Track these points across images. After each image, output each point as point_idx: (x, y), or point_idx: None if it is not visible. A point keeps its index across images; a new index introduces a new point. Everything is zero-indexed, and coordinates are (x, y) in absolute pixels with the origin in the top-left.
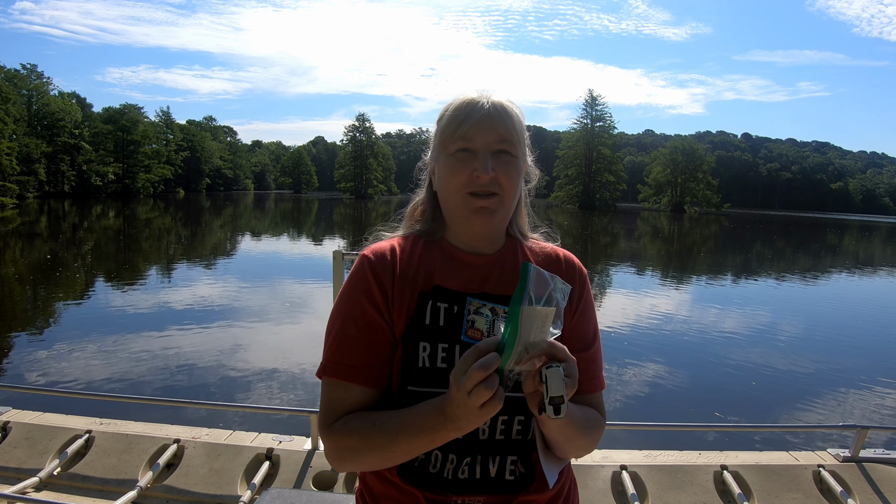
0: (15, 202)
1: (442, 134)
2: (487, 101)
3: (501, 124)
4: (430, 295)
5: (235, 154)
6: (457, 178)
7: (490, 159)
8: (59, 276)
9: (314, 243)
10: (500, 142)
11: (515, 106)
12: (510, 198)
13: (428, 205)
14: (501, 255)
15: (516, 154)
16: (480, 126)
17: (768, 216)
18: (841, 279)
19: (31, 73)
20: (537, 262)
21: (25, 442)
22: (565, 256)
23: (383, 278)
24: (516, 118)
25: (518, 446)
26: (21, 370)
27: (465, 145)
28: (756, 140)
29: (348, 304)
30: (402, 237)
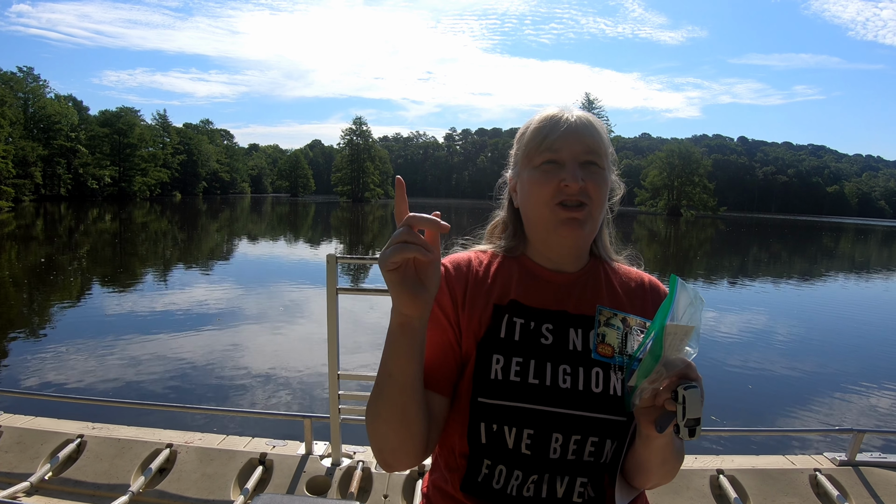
0: (11, 205)
1: (526, 147)
2: (571, 115)
3: (588, 135)
4: (506, 309)
5: (232, 157)
6: (544, 190)
7: (578, 169)
8: (54, 280)
9: (311, 247)
10: (588, 153)
11: (598, 121)
12: (598, 209)
13: (509, 223)
14: (584, 275)
15: (604, 166)
16: (567, 137)
17: (764, 219)
18: (837, 282)
19: (27, 76)
20: (621, 283)
21: (17, 446)
22: (650, 283)
23: (456, 286)
24: (602, 131)
25: (589, 468)
26: (15, 374)
27: (551, 157)
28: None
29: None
30: (481, 251)
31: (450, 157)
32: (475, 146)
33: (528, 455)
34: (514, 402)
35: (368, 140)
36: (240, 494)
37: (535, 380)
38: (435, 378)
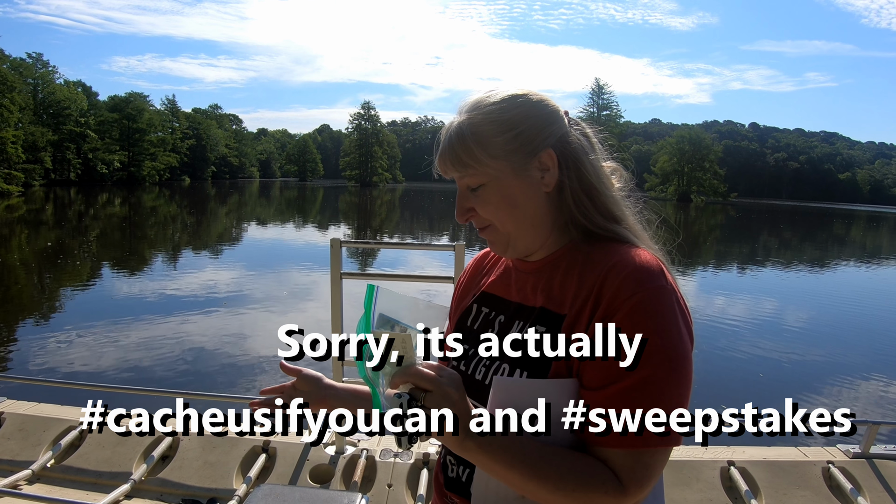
0: (21, 190)
1: None
2: (451, 128)
3: (455, 158)
4: (478, 299)
5: (241, 142)
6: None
7: (465, 198)
8: (63, 264)
9: (319, 231)
10: (463, 177)
11: (493, 113)
12: (502, 223)
13: None
14: (544, 263)
15: (486, 181)
16: (442, 163)
17: (775, 206)
18: (849, 270)
19: (36, 62)
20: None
21: (19, 433)
22: (614, 266)
23: (462, 282)
24: (475, 138)
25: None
26: (21, 358)
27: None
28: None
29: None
30: None
31: None
32: None
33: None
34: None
35: (377, 125)
36: (242, 483)
37: (463, 368)
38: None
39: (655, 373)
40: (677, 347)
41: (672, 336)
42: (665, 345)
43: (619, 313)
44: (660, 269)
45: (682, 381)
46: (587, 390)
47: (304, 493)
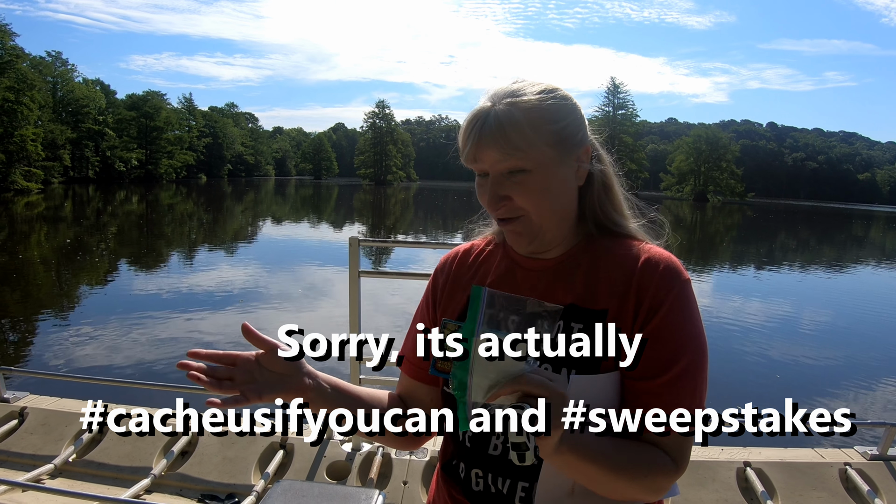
0: (40, 187)
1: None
2: (492, 113)
3: (505, 139)
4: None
5: (257, 140)
6: (481, 199)
7: (501, 186)
8: (81, 261)
9: (334, 229)
10: (505, 160)
11: (538, 102)
12: (539, 213)
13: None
14: (562, 260)
15: (531, 167)
16: (483, 147)
17: (793, 206)
18: (867, 271)
19: (55, 61)
20: (605, 268)
21: (42, 428)
22: (650, 260)
23: (440, 278)
24: (520, 121)
25: (529, 472)
26: (43, 354)
27: (477, 168)
28: (782, 129)
29: (420, 302)
30: (482, 238)
31: None
32: None
33: (471, 450)
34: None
35: (391, 123)
36: (260, 479)
37: None
38: (416, 367)
39: (694, 359)
40: (703, 334)
41: (700, 324)
42: (698, 333)
43: (664, 306)
44: (680, 263)
45: (707, 364)
46: (639, 380)
47: (322, 489)
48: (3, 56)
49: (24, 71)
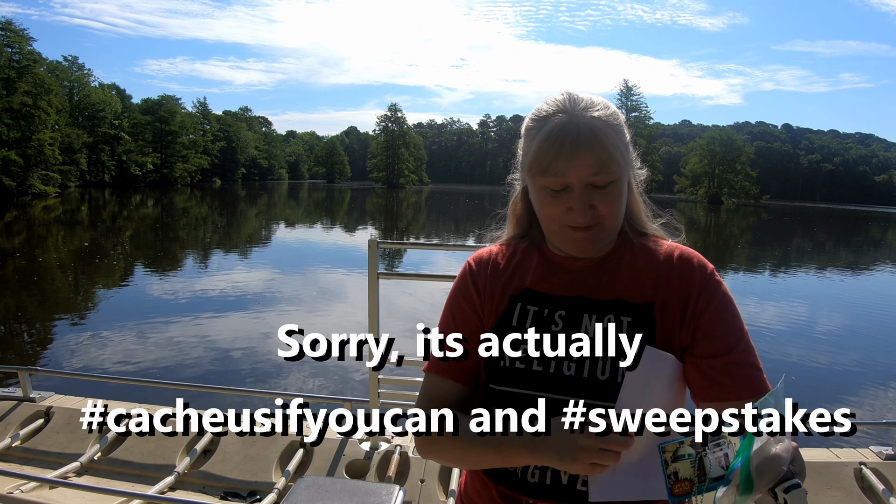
0: (57, 191)
1: (531, 165)
2: (576, 126)
3: (593, 154)
4: (520, 298)
5: (270, 144)
6: (551, 212)
7: (586, 196)
8: (99, 264)
9: (347, 232)
10: (595, 174)
11: (609, 118)
12: (613, 220)
13: (524, 212)
14: (605, 259)
15: (615, 177)
16: (572, 161)
17: (809, 208)
18: (884, 273)
19: (72, 65)
20: (645, 264)
21: (67, 427)
22: (681, 255)
23: (478, 280)
24: (609, 135)
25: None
26: (64, 355)
27: (557, 182)
28: (797, 131)
29: (450, 305)
30: (505, 243)
31: (484, 143)
32: (510, 133)
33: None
34: (520, 390)
35: (403, 126)
36: (281, 476)
37: (540, 367)
38: (457, 368)
39: (745, 333)
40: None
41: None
42: (737, 312)
43: (713, 295)
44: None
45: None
46: (709, 358)
47: (345, 484)
48: (21, 61)
49: (42, 75)
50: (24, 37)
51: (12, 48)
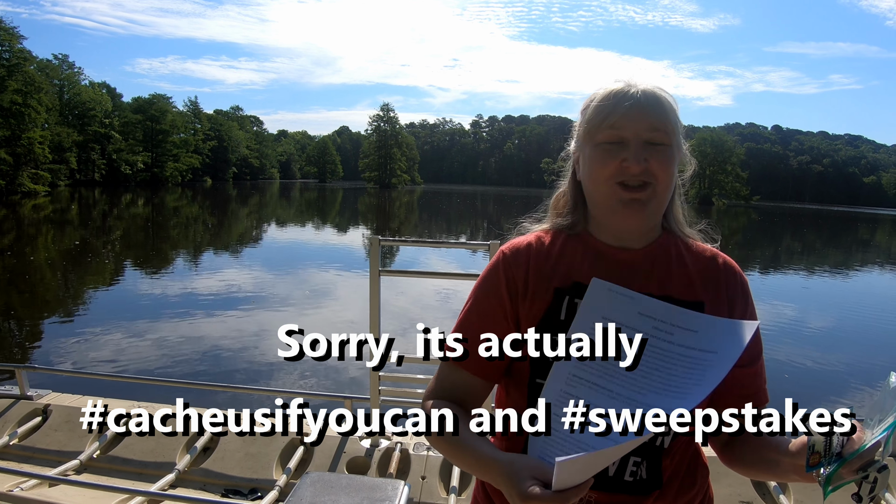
0: (47, 190)
1: (588, 123)
2: (637, 89)
3: (653, 112)
4: (568, 291)
5: (262, 144)
6: (605, 169)
7: (641, 149)
8: (89, 263)
9: (339, 232)
10: (653, 130)
11: (667, 93)
12: (664, 189)
13: (570, 196)
14: (652, 251)
15: (670, 143)
16: (631, 114)
17: (798, 209)
18: (872, 274)
19: (62, 64)
20: (693, 263)
21: (66, 425)
22: (725, 261)
23: (515, 274)
24: (669, 105)
25: (645, 449)
26: (56, 354)
27: (614, 135)
28: (787, 132)
29: (477, 296)
30: (543, 231)
31: (476, 143)
32: (502, 133)
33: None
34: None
35: (395, 126)
36: (282, 474)
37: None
38: (482, 363)
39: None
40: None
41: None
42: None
43: (749, 298)
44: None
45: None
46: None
47: (350, 480)
48: (11, 59)
49: (32, 74)
50: (14, 35)
51: (2, 46)
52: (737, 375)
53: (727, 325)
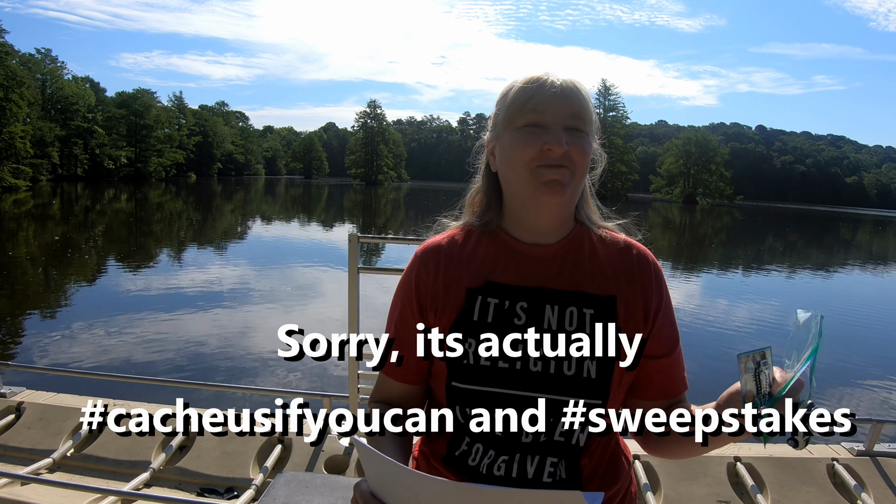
0: (28, 185)
1: (509, 108)
2: (557, 77)
3: (574, 100)
4: (480, 291)
5: (247, 139)
6: (526, 152)
7: (564, 133)
8: (70, 258)
9: (324, 228)
10: (573, 117)
11: (585, 87)
12: (581, 175)
13: (484, 192)
14: (565, 245)
15: (588, 131)
16: (553, 99)
17: (782, 209)
18: (854, 273)
19: (45, 58)
20: (605, 256)
21: (39, 423)
22: (638, 251)
23: (427, 277)
24: (587, 97)
25: (560, 449)
26: (34, 351)
27: (535, 118)
28: (770, 133)
29: (395, 304)
30: (458, 230)
31: (463, 141)
32: None
33: (501, 436)
34: (485, 387)
35: (382, 123)
36: (259, 473)
37: (505, 363)
38: (400, 370)
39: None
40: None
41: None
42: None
43: (663, 286)
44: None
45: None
46: (655, 359)
47: (325, 479)
48: None
49: (14, 68)
50: None
51: None
52: (654, 366)
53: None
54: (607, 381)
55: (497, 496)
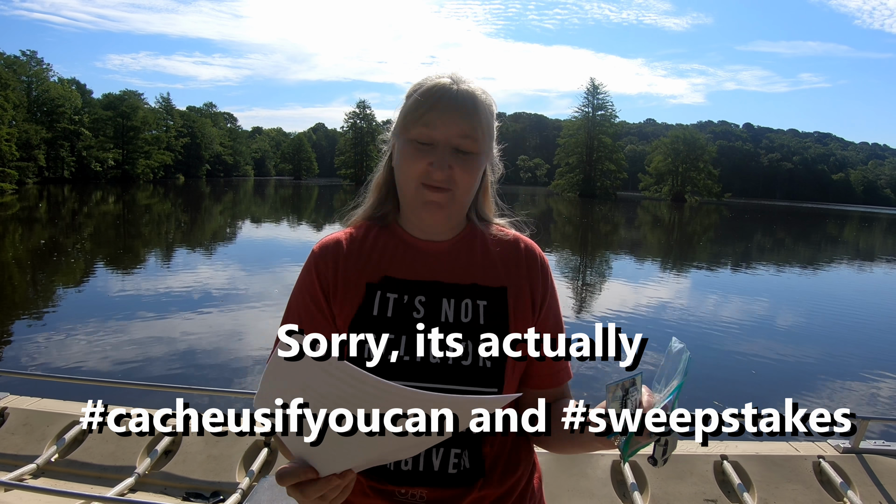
0: (14, 188)
1: (405, 115)
2: (457, 90)
3: (467, 118)
4: (379, 286)
5: (235, 140)
6: (413, 167)
7: (448, 155)
8: (57, 262)
9: (314, 229)
10: (463, 137)
11: (487, 96)
12: (464, 194)
13: (384, 182)
14: (458, 242)
15: (478, 150)
16: (444, 117)
17: (769, 206)
18: (841, 270)
19: (30, 60)
20: (496, 250)
21: (23, 428)
22: (526, 245)
23: (325, 273)
24: (484, 111)
25: (463, 439)
26: (19, 355)
27: (426, 134)
28: (758, 130)
29: (294, 301)
30: (355, 227)
31: None
32: None
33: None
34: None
35: (372, 123)
36: (245, 476)
37: (407, 356)
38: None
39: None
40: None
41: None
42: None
43: (549, 277)
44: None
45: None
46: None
47: None
48: None
49: None
50: None
51: None
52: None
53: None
54: (501, 370)
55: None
